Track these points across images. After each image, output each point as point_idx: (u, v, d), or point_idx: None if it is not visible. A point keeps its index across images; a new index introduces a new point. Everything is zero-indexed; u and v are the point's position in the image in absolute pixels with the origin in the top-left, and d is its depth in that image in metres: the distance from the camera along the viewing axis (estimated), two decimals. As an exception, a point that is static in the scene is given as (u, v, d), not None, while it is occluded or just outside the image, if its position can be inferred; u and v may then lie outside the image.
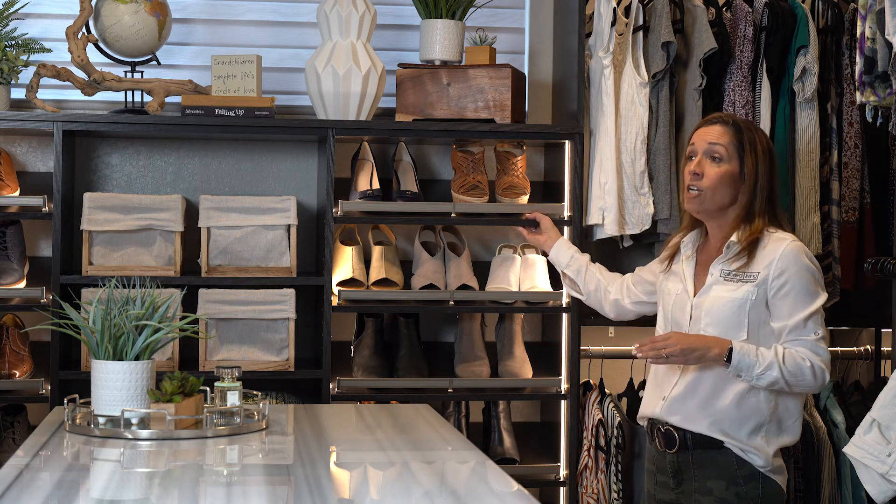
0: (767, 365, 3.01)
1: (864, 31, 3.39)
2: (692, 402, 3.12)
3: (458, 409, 4.22)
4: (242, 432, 2.90)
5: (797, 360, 3.02)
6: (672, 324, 3.20)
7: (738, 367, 3.02)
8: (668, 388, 3.18)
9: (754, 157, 3.13)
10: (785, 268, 3.05)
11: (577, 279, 3.67)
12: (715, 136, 3.15)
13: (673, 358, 3.05)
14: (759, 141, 3.16)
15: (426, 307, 4.04)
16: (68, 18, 4.05)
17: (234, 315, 3.88)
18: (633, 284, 3.49)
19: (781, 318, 3.06)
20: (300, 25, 4.34)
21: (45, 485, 2.44)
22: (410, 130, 4.03)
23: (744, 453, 3.08)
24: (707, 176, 3.13)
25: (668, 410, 3.16)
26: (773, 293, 3.06)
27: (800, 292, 3.05)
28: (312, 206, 4.24)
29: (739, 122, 3.18)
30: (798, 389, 3.07)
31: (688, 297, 3.17)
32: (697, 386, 3.12)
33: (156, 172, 4.21)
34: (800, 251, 3.07)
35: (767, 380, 3.02)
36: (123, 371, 2.87)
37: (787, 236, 3.11)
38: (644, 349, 3.07)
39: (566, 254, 3.73)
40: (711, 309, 3.10)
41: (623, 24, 4.02)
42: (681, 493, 3.16)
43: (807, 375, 3.03)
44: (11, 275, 3.88)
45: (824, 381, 3.06)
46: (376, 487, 2.51)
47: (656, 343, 3.06)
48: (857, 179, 4.12)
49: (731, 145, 3.14)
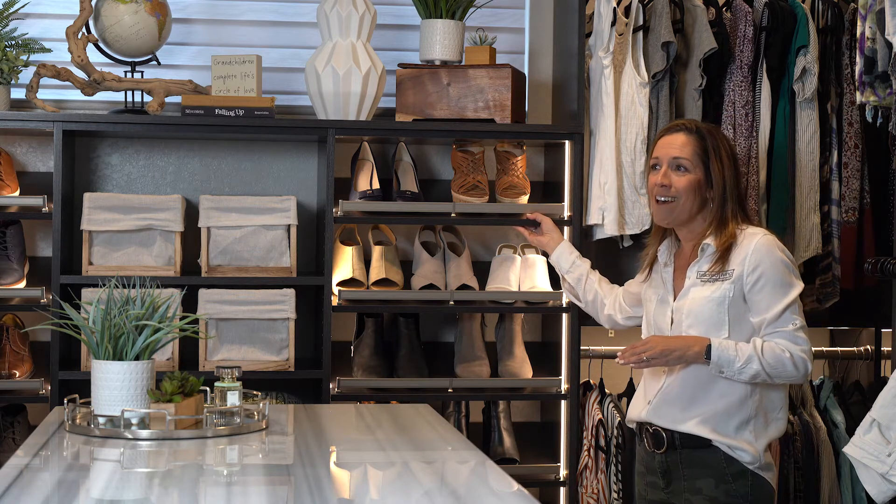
0: (747, 359, 3.04)
1: (864, 31, 3.39)
2: (678, 403, 3.15)
3: (458, 409, 4.22)
4: (242, 432, 2.90)
5: (776, 352, 3.04)
6: (654, 330, 3.25)
7: (719, 363, 3.05)
8: (652, 392, 3.21)
9: (719, 162, 3.17)
10: (758, 262, 3.08)
11: (576, 286, 3.70)
12: (678, 147, 3.19)
13: (654, 360, 3.09)
14: (722, 146, 3.20)
15: (426, 307, 4.04)
16: (68, 18, 4.05)
17: (234, 315, 3.88)
18: (622, 300, 3.53)
19: (759, 311, 3.09)
20: (300, 25, 4.34)
21: (45, 485, 2.44)
22: (410, 130, 4.03)
23: (732, 451, 3.10)
24: (675, 186, 3.17)
25: (653, 413, 3.18)
26: (749, 288, 3.09)
27: (775, 285, 3.08)
28: (312, 206, 4.24)
29: (702, 129, 3.20)
30: (781, 381, 3.09)
31: (668, 302, 3.20)
32: (682, 387, 3.14)
33: (156, 172, 4.21)
34: (771, 244, 3.11)
35: (748, 373, 3.05)
36: (123, 371, 2.87)
37: (759, 231, 3.14)
38: (625, 355, 3.12)
39: (567, 259, 3.74)
40: (692, 310, 3.13)
41: (623, 24, 4.02)
42: (671, 493, 3.17)
43: (787, 366, 3.05)
44: (11, 275, 3.88)
45: (807, 371, 3.08)
46: (376, 487, 2.52)
47: (636, 348, 3.11)
48: (857, 179, 4.12)
49: (695, 155, 3.17)
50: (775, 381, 3.08)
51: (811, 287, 4.06)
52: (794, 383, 3.14)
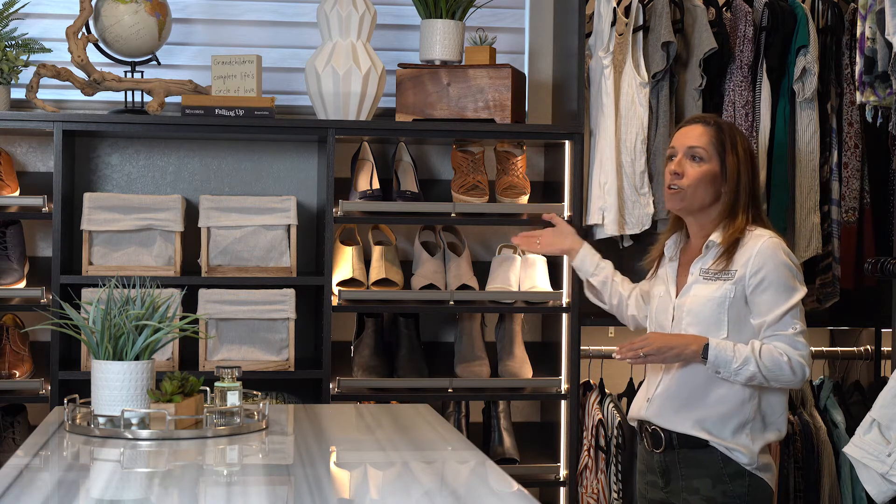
0: (744, 360, 3.03)
1: (864, 31, 3.39)
2: (675, 402, 3.14)
3: (458, 409, 4.22)
4: (242, 432, 2.90)
5: (774, 355, 3.03)
6: (656, 326, 3.24)
7: (716, 363, 3.04)
8: (651, 389, 3.20)
9: (735, 156, 3.15)
10: (762, 264, 3.07)
11: (602, 290, 3.55)
12: (695, 136, 3.17)
13: (651, 357, 3.08)
14: (739, 141, 3.18)
15: (426, 307, 4.04)
16: (68, 18, 4.05)
17: (234, 315, 3.88)
18: (641, 299, 3.45)
19: (760, 314, 3.08)
20: (300, 25, 4.34)
21: (45, 485, 2.44)
22: (410, 130, 4.03)
23: (729, 451, 3.09)
24: (687, 175, 3.15)
25: (652, 411, 3.18)
26: (751, 290, 3.08)
27: (777, 288, 3.07)
28: (312, 206, 4.24)
29: (720, 123, 3.20)
30: (778, 384, 3.08)
31: (670, 298, 3.20)
32: (679, 386, 3.14)
33: (156, 172, 4.21)
34: (776, 247, 3.09)
35: (745, 375, 3.04)
36: (123, 371, 2.87)
37: (765, 233, 3.13)
38: (623, 351, 3.11)
39: (591, 262, 3.55)
40: (692, 309, 3.12)
41: (623, 24, 4.02)
42: (669, 493, 3.17)
43: (784, 370, 3.04)
44: (11, 275, 3.88)
45: (804, 376, 3.07)
46: (376, 487, 2.51)
47: (634, 344, 3.10)
48: (857, 179, 4.12)
49: (711, 145, 3.16)
50: (772, 385, 3.07)
51: (811, 287, 4.06)
52: (790, 388, 3.13)
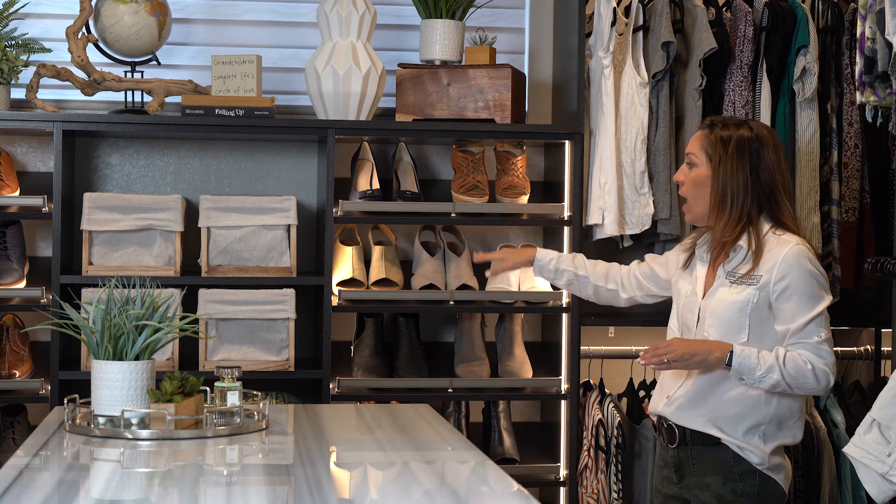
0: (768, 368, 3.01)
1: (864, 31, 3.39)
2: (690, 400, 3.14)
3: (458, 409, 4.22)
4: (242, 432, 2.90)
5: (798, 363, 3.02)
6: (681, 324, 3.21)
7: (740, 370, 3.02)
8: (670, 389, 3.20)
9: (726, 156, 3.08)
10: (787, 272, 3.04)
11: (571, 290, 3.52)
12: (692, 142, 3.18)
13: (675, 363, 3.06)
14: (734, 140, 3.10)
15: (426, 307, 4.04)
16: (68, 18, 4.05)
17: (234, 315, 3.88)
18: (643, 279, 3.38)
19: (784, 321, 3.06)
20: (300, 25, 4.34)
21: (45, 485, 2.44)
22: (410, 130, 4.03)
23: (740, 450, 3.09)
24: (684, 182, 3.16)
25: (668, 409, 3.18)
26: (776, 296, 3.05)
27: (802, 296, 3.04)
28: (312, 206, 4.24)
29: (716, 122, 3.15)
30: (801, 392, 3.06)
31: (697, 299, 3.18)
32: (695, 385, 3.13)
33: (156, 172, 4.21)
34: (801, 255, 3.05)
35: (769, 382, 3.02)
36: (123, 371, 2.87)
37: (793, 239, 3.08)
38: (647, 356, 3.08)
39: (547, 272, 3.47)
40: (715, 311, 3.11)
41: (623, 24, 4.02)
42: (682, 488, 3.17)
43: (808, 378, 3.02)
44: (11, 275, 3.88)
45: (828, 384, 3.05)
46: (376, 487, 2.51)
47: (658, 350, 3.07)
48: (857, 179, 4.12)
49: (702, 149, 3.14)
50: (795, 392, 3.06)
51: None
52: (814, 395, 3.10)
